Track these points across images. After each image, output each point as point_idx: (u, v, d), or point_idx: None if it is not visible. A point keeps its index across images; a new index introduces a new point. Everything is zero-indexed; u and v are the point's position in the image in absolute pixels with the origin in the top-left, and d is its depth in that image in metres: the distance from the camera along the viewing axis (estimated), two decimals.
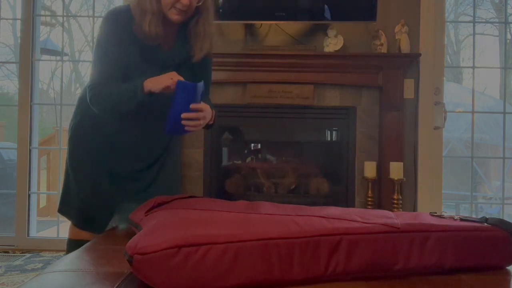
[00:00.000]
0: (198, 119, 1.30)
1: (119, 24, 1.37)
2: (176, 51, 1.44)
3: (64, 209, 1.56)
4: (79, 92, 9.78)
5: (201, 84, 1.31)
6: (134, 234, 0.97)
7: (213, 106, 1.54)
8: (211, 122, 1.45)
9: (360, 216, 0.89)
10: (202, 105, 1.31)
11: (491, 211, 3.88)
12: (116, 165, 1.50)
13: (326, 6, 2.46)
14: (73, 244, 1.49)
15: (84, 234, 1.51)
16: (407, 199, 2.61)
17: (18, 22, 2.87)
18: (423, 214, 0.98)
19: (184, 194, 1.34)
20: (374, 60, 2.52)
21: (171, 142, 1.63)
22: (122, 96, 1.32)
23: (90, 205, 1.49)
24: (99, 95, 1.35)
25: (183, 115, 1.27)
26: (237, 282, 0.72)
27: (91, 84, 1.38)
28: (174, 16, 1.35)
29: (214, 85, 2.59)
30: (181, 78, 1.28)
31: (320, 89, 2.58)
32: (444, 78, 2.71)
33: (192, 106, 1.28)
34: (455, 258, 0.85)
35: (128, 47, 1.37)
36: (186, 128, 1.29)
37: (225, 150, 2.92)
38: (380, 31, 2.52)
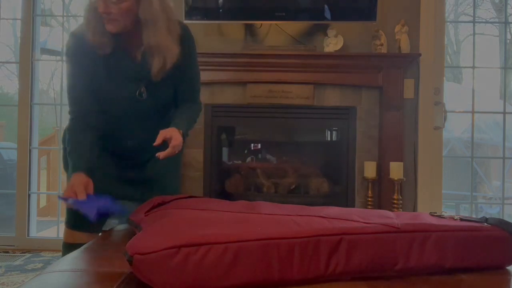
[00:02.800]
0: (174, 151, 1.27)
1: (77, 44, 1.32)
2: (144, 63, 1.35)
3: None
4: None
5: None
6: (134, 234, 0.97)
7: (188, 125, 1.41)
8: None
9: (360, 216, 0.89)
10: (167, 133, 1.26)
11: (491, 211, 3.88)
12: (106, 165, 1.45)
13: (326, 6, 2.46)
14: (68, 248, 1.44)
15: (78, 237, 1.45)
16: (407, 199, 2.61)
17: (18, 22, 2.87)
18: (423, 214, 0.98)
19: (184, 194, 1.34)
20: (374, 60, 2.52)
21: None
22: (70, 158, 1.35)
23: None
24: (70, 135, 1.37)
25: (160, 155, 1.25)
26: (237, 282, 0.72)
27: (70, 115, 1.38)
28: (107, 25, 1.27)
29: (214, 85, 2.60)
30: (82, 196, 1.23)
31: (320, 89, 2.58)
32: (444, 78, 2.71)
33: (162, 134, 1.25)
34: (455, 258, 0.85)
35: (93, 65, 1.32)
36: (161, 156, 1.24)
37: (225, 150, 2.92)
38: (380, 31, 2.52)
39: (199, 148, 2.60)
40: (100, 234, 1.44)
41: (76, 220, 1.45)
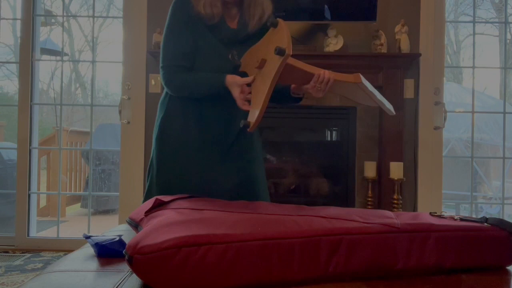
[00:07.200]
0: None
1: (178, 8, 1.40)
2: (240, 27, 1.44)
3: None
4: (79, 92, 9.74)
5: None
6: (134, 234, 0.97)
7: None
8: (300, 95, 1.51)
9: (360, 216, 0.89)
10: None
11: (491, 211, 3.88)
12: (204, 159, 1.43)
13: (326, 6, 2.46)
14: None
15: None
16: (407, 199, 2.61)
17: (18, 22, 2.87)
18: (423, 214, 0.98)
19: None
20: (374, 60, 2.52)
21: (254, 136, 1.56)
22: (201, 84, 1.36)
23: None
24: (176, 79, 1.39)
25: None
26: (237, 282, 0.72)
27: (164, 65, 1.40)
28: None
29: None
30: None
31: None
32: (444, 78, 2.71)
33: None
34: (455, 258, 0.85)
35: (192, 28, 1.39)
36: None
37: None
38: (380, 31, 2.52)
39: None
40: None
41: None
